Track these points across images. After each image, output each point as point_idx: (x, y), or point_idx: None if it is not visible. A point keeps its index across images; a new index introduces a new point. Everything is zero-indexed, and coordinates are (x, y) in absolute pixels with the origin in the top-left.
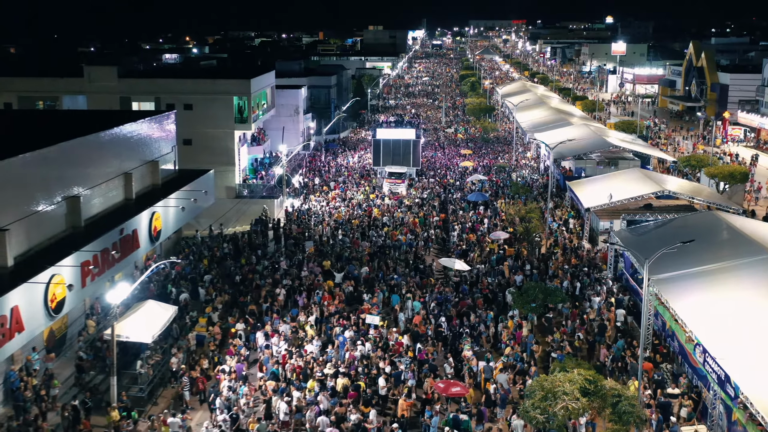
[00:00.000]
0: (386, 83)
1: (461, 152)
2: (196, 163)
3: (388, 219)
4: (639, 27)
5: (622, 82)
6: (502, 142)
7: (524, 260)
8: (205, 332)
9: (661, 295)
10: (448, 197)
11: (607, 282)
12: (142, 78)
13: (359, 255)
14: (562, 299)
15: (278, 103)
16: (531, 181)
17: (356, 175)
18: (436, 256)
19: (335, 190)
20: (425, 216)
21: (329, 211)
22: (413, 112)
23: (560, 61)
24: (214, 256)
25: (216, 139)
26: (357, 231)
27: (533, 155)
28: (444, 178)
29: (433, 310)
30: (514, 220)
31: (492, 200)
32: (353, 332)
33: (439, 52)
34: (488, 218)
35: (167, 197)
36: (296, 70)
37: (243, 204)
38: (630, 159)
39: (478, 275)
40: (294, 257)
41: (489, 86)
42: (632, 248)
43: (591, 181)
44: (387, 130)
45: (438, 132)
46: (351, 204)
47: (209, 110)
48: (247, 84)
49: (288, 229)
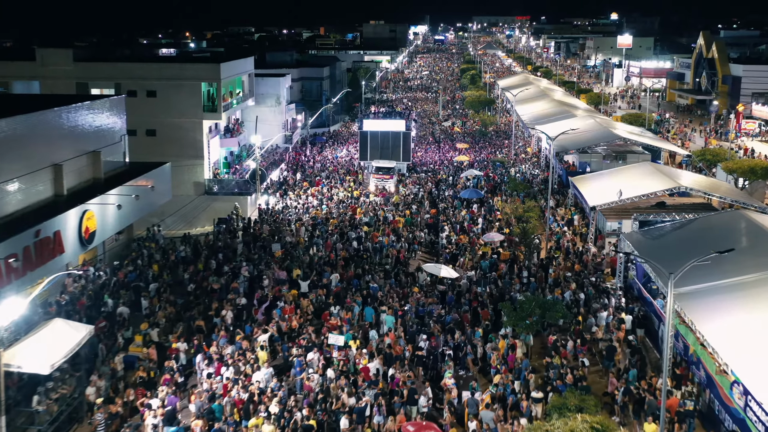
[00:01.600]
0: (384, 77)
1: (457, 146)
2: (161, 156)
3: (371, 218)
4: (644, 23)
5: (629, 75)
6: (501, 135)
7: (521, 266)
8: (141, 352)
9: (684, 314)
10: (440, 194)
11: (616, 294)
12: (101, 62)
13: (336, 259)
14: (563, 315)
15: (258, 93)
16: (531, 177)
17: (342, 171)
18: (423, 261)
19: (316, 187)
20: (412, 215)
21: (306, 210)
22: (407, 104)
23: (564, 55)
24: (167, 260)
25: (182, 129)
26: (335, 232)
27: (534, 149)
28: (436, 174)
29: (412, 326)
30: (510, 219)
31: (487, 198)
32: (316, 354)
33: (441, 48)
34: (482, 217)
35: (106, 193)
36: (287, 61)
37: (212, 201)
38: (639, 153)
39: (470, 283)
40: (259, 262)
41: (490, 80)
42: (649, 255)
43: (597, 177)
44: (374, 121)
45: (434, 126)
46: (331, 202)
47: (175, 98)
48: (216, 69)
49: (258, 229)
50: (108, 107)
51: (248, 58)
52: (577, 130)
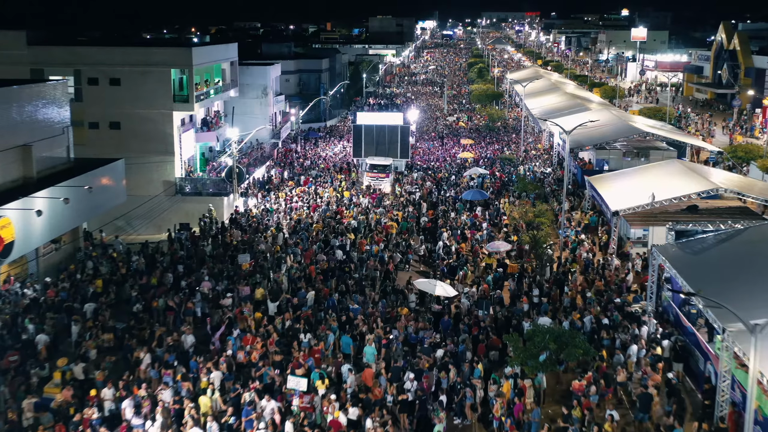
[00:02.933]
0: (389, 70)
1: (461, 142)
2: (127, 152)
3: (360, 223)
4: (657, 17)
5: (643, 69)
6: (509, 131)
7: (531, 282)
8: (58, 394)
9: (745, 357)
10: (440, 195)
11: (648, 320)
12: (59, 45)
13: (315, 273)
14: (584, 350)
15: (243, 83)
16: (542, 176)
17: (333, 168)
18: (418, 274)
19: (303, 186)
20: (407, 219)
21: (289, 213)
22: (410, 97)
23: (575, 50)
24: (115, 273)
25: (150, 121)
26: (318, 239)
27: (545, 145)
28: (437, 172)
29: (398, 360)
30: (519, 225)
31: (493, 199)
32: (271, 402)
33: (449, 43)
34: (487, 222)
35: (29, 196)
36: (285, 52)
37: (184, 202)
38: (663, 149)
39: (470, 303)
40: (223, 277)
41: (498, 74)
42: (694, 277)
43: (618, 177)
44: (370, 114)
45: (438, 121)
46: (318, 203)
47: (141, 86)
48: (187, 54)
49: (229, 235)
50: (42, 93)
51: (230, 45)
52: (598, 120)
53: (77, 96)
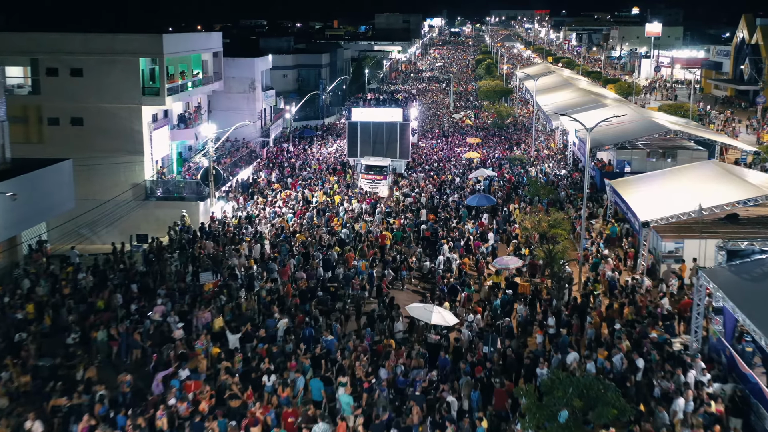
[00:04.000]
0: (394, 67)
1: (467, 141)
2: (91, 151)
3: (348, 232)
4: (669, 14)
5: (658, 66)
6: (519, 129)
7: (546, 307)
8: None
9: None
10: (442, 199)
11: (695, 361)
12: (11, 32)
13: (294, 293)
14: (620, 409)
15: (228, 76)
16: (556, 179)
17: (327, 170)
18: (414, 294)
19: (291, 190)
20: (404, 227)
21: (272, 220)
22: (412, 93)
23: (586, 46)
24: (54, 293)
25: (117, 117)
26: (300, 251)
27: (558, 145)
28: (440, 174)
29: (381, 411)
30: (531, 236)
31: (501, 205)
32: None
33: (457, 40)
34: (494, 232)
35: None
36: (284, 47)
37: (155, 208)
38: (693, 149)
39: (473, 335)
40: (182, 300)
41: (508, 70)
42: (751, 306)
43: (644, 181)
44: (366, 110)
45: (443, 119)
46: (305, 208)
47: (107, 77)
48: (157, 41)
49: (199, 247)
50: None
51: (212, 34)
52: (624, 116)
53: (35, 88)
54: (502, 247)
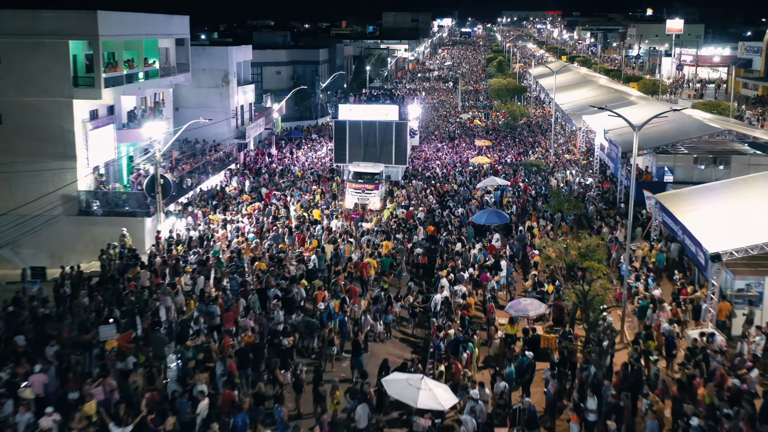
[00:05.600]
0: (400, 66)
1: (476, 144)
2: (11, 154)
3: (319, 260)
4: (686, 13)
5: (681, 64)
6: (534, 130)
7: (582, 381)
8: None
9: None
10: (444, 215)
11: None
12: None
13: (233, 353)
14: None
15: (198, 68)
16: (581, 189)
17: (311, 177)
18: (403, 346)
19: (265, 201)
20: (394, 252)
21: (236, 238)
22: (414, 90)
23: (602, 45)
24: None
25: (42, 113)
26: (255, 287)
27: (581, 148)
28: (443, 183)
29: None
30: (556, 268)
31: (516, 223)
32: None
33: (468, 41)
34: (506, 260)
35: None
36: (279, 42)
37: (91, 225)
38: (749, 153)
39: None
40: (74, 363)
41: (520, 69)
42: None
43: (699, 195)
44: (356, 106)
45: (450, 119)
46: (272, 226)
47: (29, 64)
48: (90, 20)
49: (129, 279)
50: None
51: (173, 17)
52: (682, 110)
53: None
54: (516, 277)
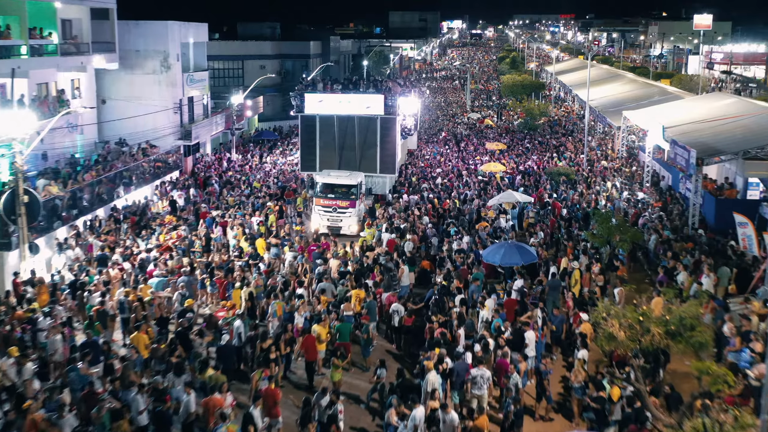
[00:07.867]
0: (405, 65)
1: (487, 147)
2: None
3: (246, 323)
4: (710, 12)
5: (711, 62)
6: (557, 132)
7: None
8: None
9: None
10: (442, 246)
11: None
12: None
13: None
14: None
15: (130, 49)
16: (633, 207)
17: (269, 189)
18: None
19: (191, 226)
20: (357, 316)
21: (138, 281)
22: (420, 88)
23: (620, 46)
24: None
25: None
26: (113, 385)
27: (620, 153)
28: (444, 197)
29: None
30: (628, 354)
31: (547, 261)
32: None
33: (478, 42)
34: (533, 328)
35: None
36: (266, 33)
37: None
38: None
39: None
40: None
41: (537, 67)
42: None
43: None
44: (328, 96)
45: (456, 119)
46: (178, 267)
47: None
48: None
49: None
50: None
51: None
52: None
53: None
54: (550, 364)
